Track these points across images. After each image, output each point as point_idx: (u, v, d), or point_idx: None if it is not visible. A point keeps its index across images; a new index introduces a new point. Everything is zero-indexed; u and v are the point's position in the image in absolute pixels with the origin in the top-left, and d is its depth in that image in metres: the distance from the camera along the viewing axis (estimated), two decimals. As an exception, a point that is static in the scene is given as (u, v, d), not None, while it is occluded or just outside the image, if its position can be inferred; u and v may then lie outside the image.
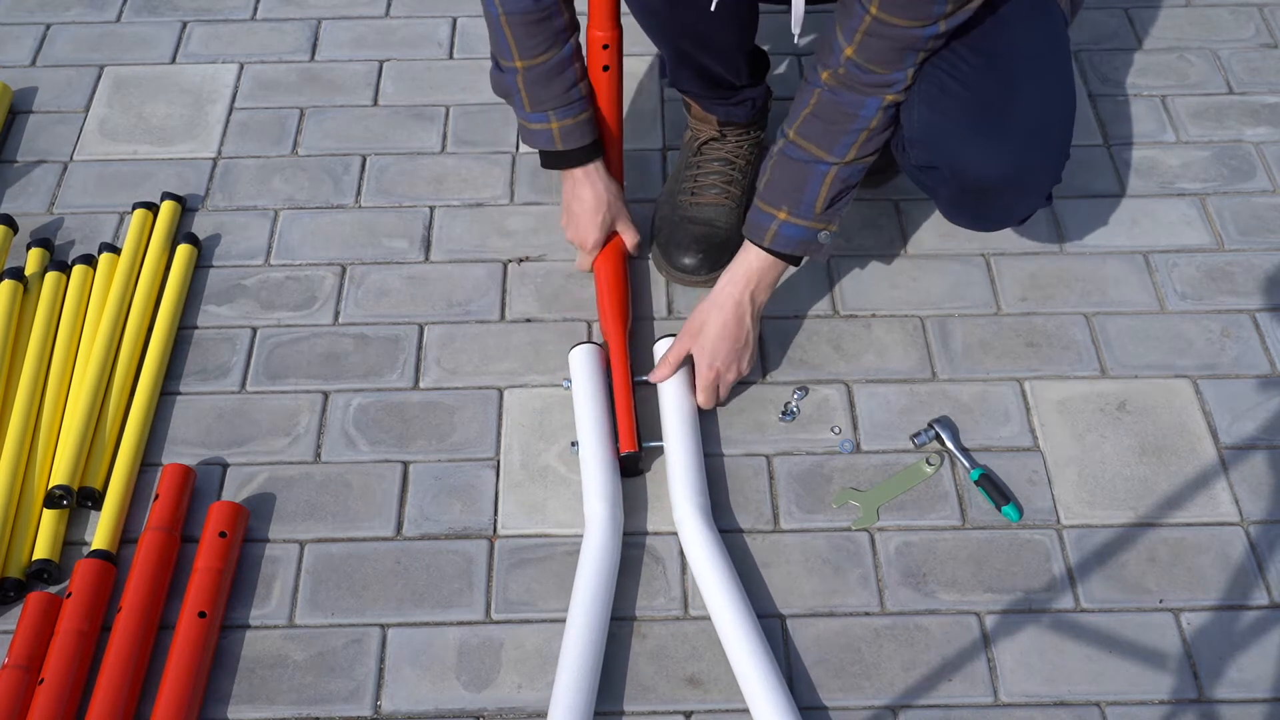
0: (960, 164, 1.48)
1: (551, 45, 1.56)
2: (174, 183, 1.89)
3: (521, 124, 1.65)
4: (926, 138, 1.48)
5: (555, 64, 1.58)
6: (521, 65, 1.58)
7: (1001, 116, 1.46)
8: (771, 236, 1.52)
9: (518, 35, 1.55)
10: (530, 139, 1.65)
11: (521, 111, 1.63)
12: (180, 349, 1.68)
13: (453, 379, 1.65)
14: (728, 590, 1.39)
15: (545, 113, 1.61)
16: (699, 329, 1.56)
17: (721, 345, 1.55)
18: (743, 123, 1.75)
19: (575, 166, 1.67)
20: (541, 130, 1.63)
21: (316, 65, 2.08)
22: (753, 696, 1.32)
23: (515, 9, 1.53)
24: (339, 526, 1.50)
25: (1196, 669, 1.39)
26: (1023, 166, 1.48)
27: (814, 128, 1.47)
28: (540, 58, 1.57)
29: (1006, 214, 1.60)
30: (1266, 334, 1.70)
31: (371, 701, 1.36)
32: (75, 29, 2.13)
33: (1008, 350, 1.68)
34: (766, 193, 1.53)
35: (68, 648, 1.34)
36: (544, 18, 1.54)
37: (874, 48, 1.39)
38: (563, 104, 1.61)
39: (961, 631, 1.42)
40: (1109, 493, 1.53)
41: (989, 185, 1.49)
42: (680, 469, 1.49)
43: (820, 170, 1.48)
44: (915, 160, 1.53)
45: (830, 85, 1.45)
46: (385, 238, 1.82)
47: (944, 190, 1.56)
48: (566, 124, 1.62)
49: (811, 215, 1.51)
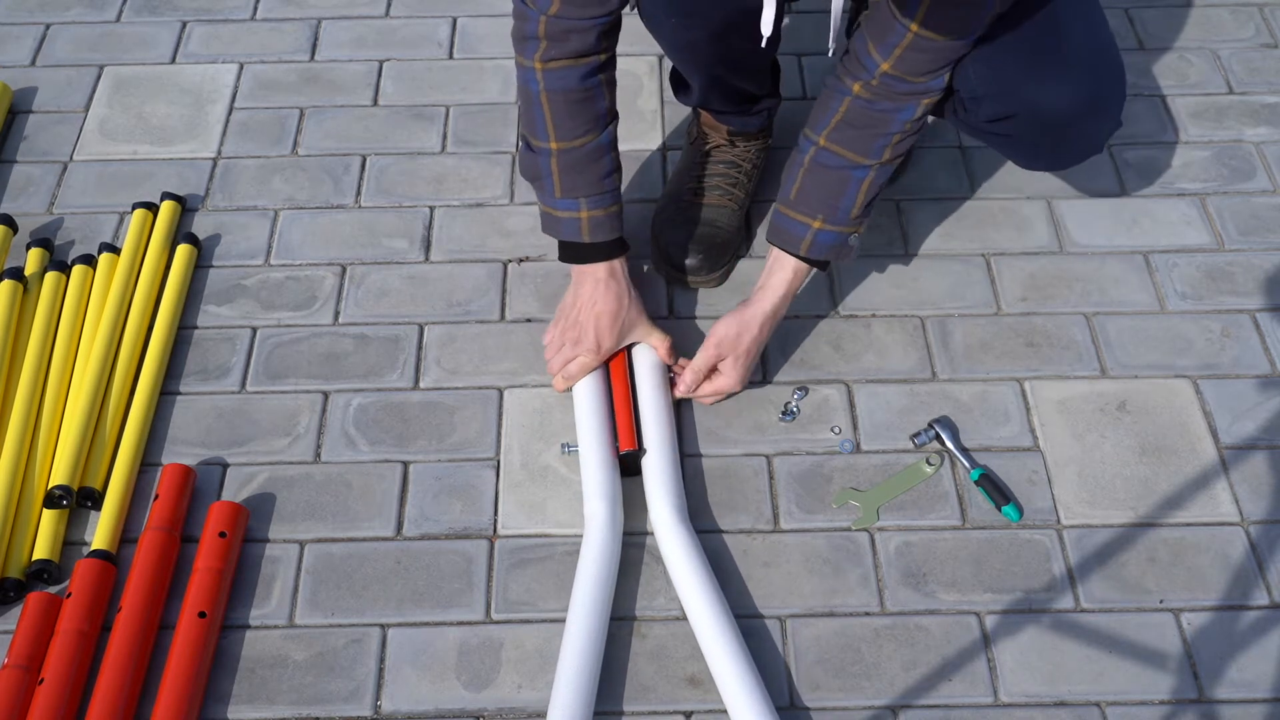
0: (1034, 103, 1.47)
1: (591, 129, 1.49)
2: (174, 183, 1.89)
3: (546, 211, 1.56)
4: (993, 90, 1.47)
5: (593, 149, 1.50)
6: (557, 147, 1.50)
7: (1058, 50, 1.46)
8: (808, 246, 1.52)
9: (557, 115, 1.48)
10: (554, 228, 1.56)
11: (550, 197, 1.54)
12: (180, 349, 1.68)
13: (453, 379, 1.65)
14: (704, 591, 1.39)
15: (576, 199, 1.52)
16: (733, 340, 1.55)
17: (747, 361, 1.57)
18: (754, 132, 1.76)
19: (600, 261, 1.56)
20: (569, 219, 1.54)
21: (316, 65, 2.08)
22: (729, 697, 1.33)
23: (558, 86, 1.46)
24: (339, 526, 1.50)
25: (1196, 669, 1.39)
26: (1095, 88, 1.48)
27: (846, 134, 1.47)
28: (578, 141, 1.49)
29: (1089, 143, 1.59)
30: (1266, 334, 1.70)
31: (371, 701, 1.36)
32: (75, 29, 2.13)
33: (1008, 350, 1.68)
34: (799, 202, 1.51)
35: (68, 648, 1.34)
36: (587, 98, 1.48)
37: (913, 60, 1.39)
38: (596, 192, 1.53)
39: (961, 631, 1.42)
40: (1109, 493, 1.53)
41: (1067, 116, 1.48)
42: (657, 471, 1.50)
43: (858, 176, 1.48)
44: (986, 115, 1.52)
45: (862, 96, 1.44)
46: (385, 238, 1.82)
47: (1023, 136, 1.55)
48: (597, 214, 1.53)
49: (847, 220, 1.51)
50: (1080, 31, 1.49)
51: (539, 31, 1.44)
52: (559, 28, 1.43)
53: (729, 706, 1.33)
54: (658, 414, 1.55)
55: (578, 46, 1.44)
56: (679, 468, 1.52)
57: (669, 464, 1.50)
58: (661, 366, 1.61)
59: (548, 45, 1.45)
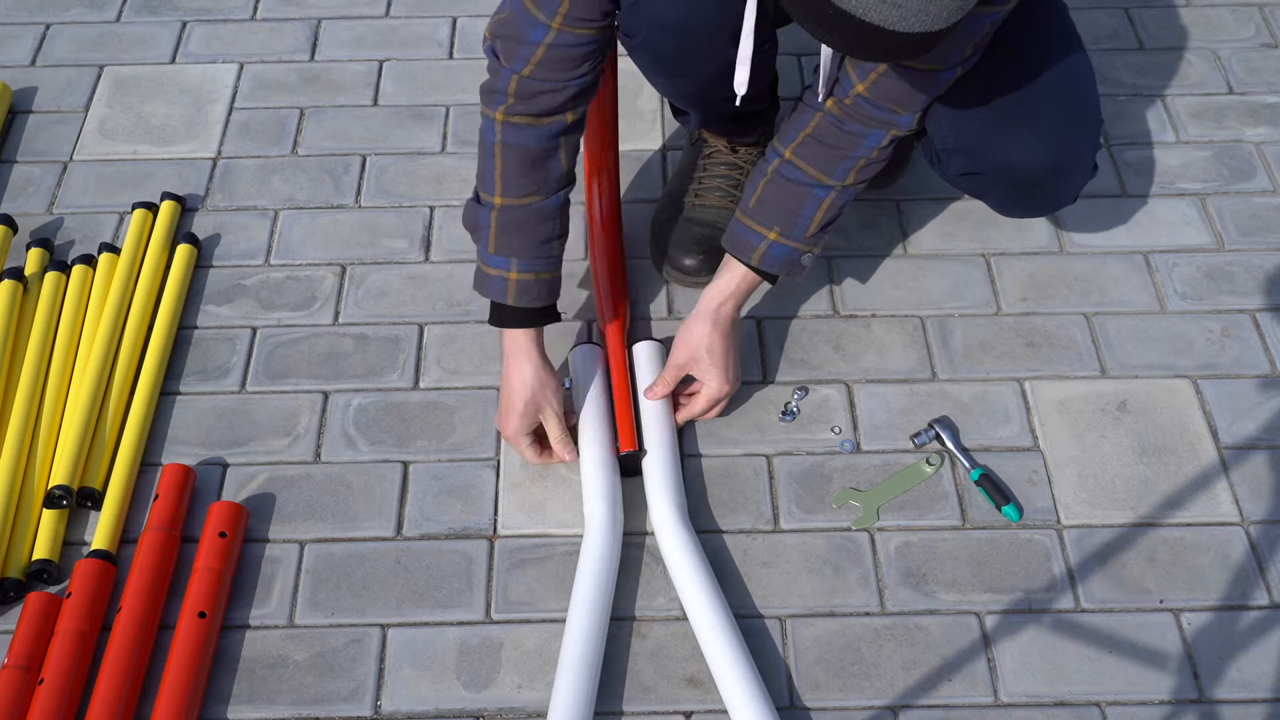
0: (1003, 162, 1.48)
1: (538, 190, 1.44)
2: (174, 183, 1.89)
3: (478, 267, 1.49)
4: (962, 145, 1.49)
5: (537, 210, 1.45)
6: (500, 203, 1.44)
7: (1029, 106, 1.46)
8: (760, 256, 1.50)
9: (507, 170, 1.43)
10: (483, 285, 1.49)
11: (483, 250, 1.48)
12: (180, 349, 1.68)
13: (453, 379, 1.65)
14: (704, 591, 1.39)
15: (508, 259, 1.46)
16: (698, 346, 1.52)
17: (729, 358, 1.53)
18: (754, 141, 1.76)
19: (518, 328, 1.49)
20: (497, 277, 1.47)
21: (316, 65, 2.08)
22: (729, 697, 1.33)
23: (514, 141, 1.42)
24: (339, 526, 1.50)
25: (1196, 669, 1.39)
26: (1065, 149, 1.49)
27: (813, 150, 1.46)
28: (524, 199, 1.44)
29: (1060, 196, 1.61)
30: (1266, 334, 1.70)
31: (371, 701, 1.36)
32: (75, 29, 2.13)
33: (1008, 350, 1.68)
34: (757, 211, 1.50)
35: (68, 648, 1.34)
36: (541, 159, 1.44)
37: (888, 87, 1.39)
38: (529, 255, 1.46)
39: (961, 631, 1.42)
40: (1109, 493, 1.53)
41: (1037, 175, 1.50)
42: (657, 471, 1.50)
43: (818, 195, 1.47)
44: (956, 169, 1.54)
45: (835, 114, 1.44)
46: (385, 238, 1.82)
47: (994, 191, 1.58)
48: (526, 278, 1.46)
49: (802, 238, 1.49)
50: (1055, 82, 1.48)
51: (508, 88, 1.41)
52: (529, 88, 1.40)
53: (729, 706, 1.33)
54: (658, 414, 1.55)
55: (545, 105, 1.42)
56: (679, 468, 1.52)
57: (669, 464, 1.50)
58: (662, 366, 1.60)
59: (514, 101, 1.42)
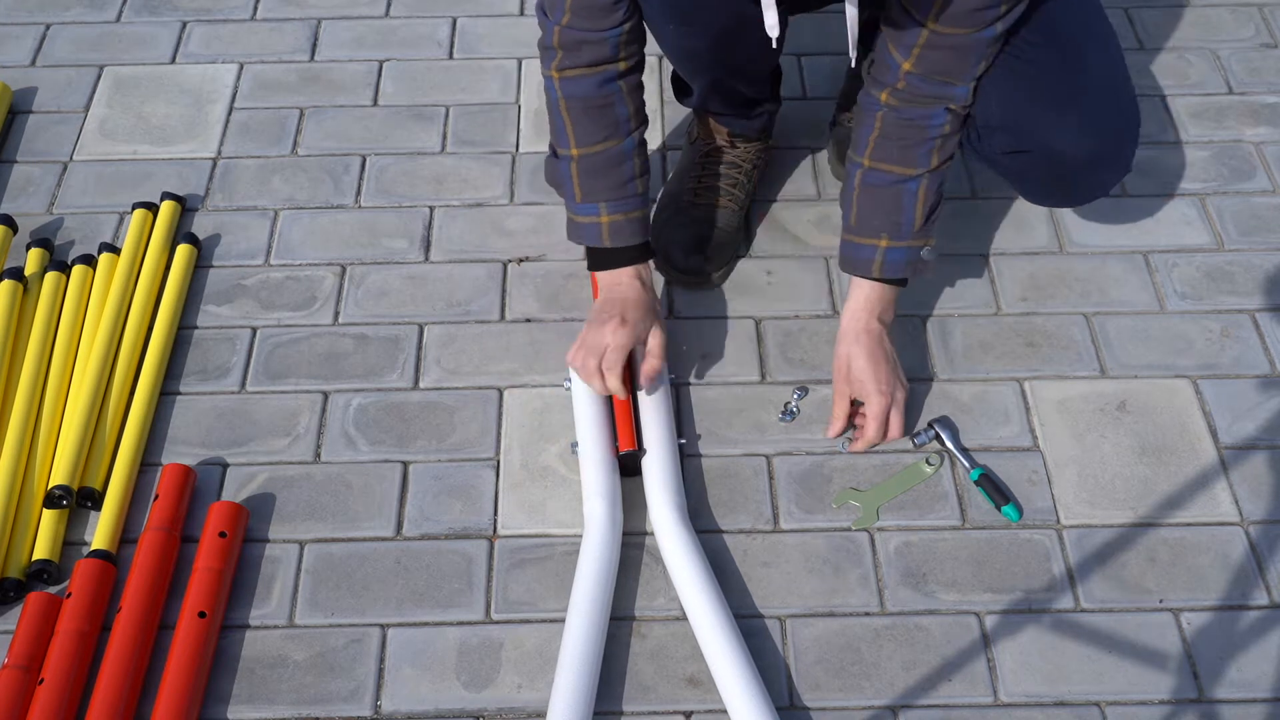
0: (1048, 143, 1.48)
1: (611, 135, 1.49)
2: (174, 183, 1.89)
3: (569, 218, 1.56)
4: (1008, 123, 1.48)
5: (614, 154, 1.50)
6: (577, 153, 1.50)
7: (1078, 92, 1.47)
8: (879, 267, 1.51)
9: (576, 120, 1.49)
10: (577, 234, 1.55)
11: (571, 203, 1.54)
12: (180, 349, 1.68)
13: (453, 379, 1.65)
14: (704, 591, 1.39)
15: (596, 204, 1.52)
16: (847, 369, 1.53)
17: (880, 370, 1.52)
18: (754, 134, 1.76)
19: (623, 266, 1.54)
20: (590, 224, 1.53)
21: (316, 65, 2.08)
22: (729, 697, 1.33)
23: (575, 93, 1.48)
24: (339, 526, 1.50)
25: (1196, 669, 1.39)
26: (1109, 138, 1.50)
27: (888, 149, 1.47)
28: (598, 146, 1.50)
29: (1096, 187, 1.61)
30: (1266, 334, 1.70)
31: (371, 701, 1.36)
32: (75, 29, 2.13)
33: (1008, 350, 1.68)
34: (860, 226, 1.51)
35: (68, 648, 1.34)
36: (605, 104, 1.48)
37: (933, 60, 1.39)
38: (617, 197, 1.52)
39: (961, 631, 1.42)
40: (1109, 493, 1.53)
41: (1080, 162, 1.50)
42: (657, 471, 1.50)
43: (911, 188, 1.48)
44: (1001, 147, 1.53)
45: (891, 104, 1.45)
46: (385, 238, 1.82)
47: (1034, 172, 1.57)
48: (618, 219, 1.52)
49: (911, 234, 1.50)
50: (1101, 69, 1.49)
51: (554, 41, 1.46)
52: (571, 38, 1.45)
53: (729, 706, 1.33)
54: (658, 414, 1.55)
55: (592, 56, 1.46)
56: (679, 468, 1.52)
57: (669, 464, 1.50)
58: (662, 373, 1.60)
59: (563, 55, 1.46)
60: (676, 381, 1.64)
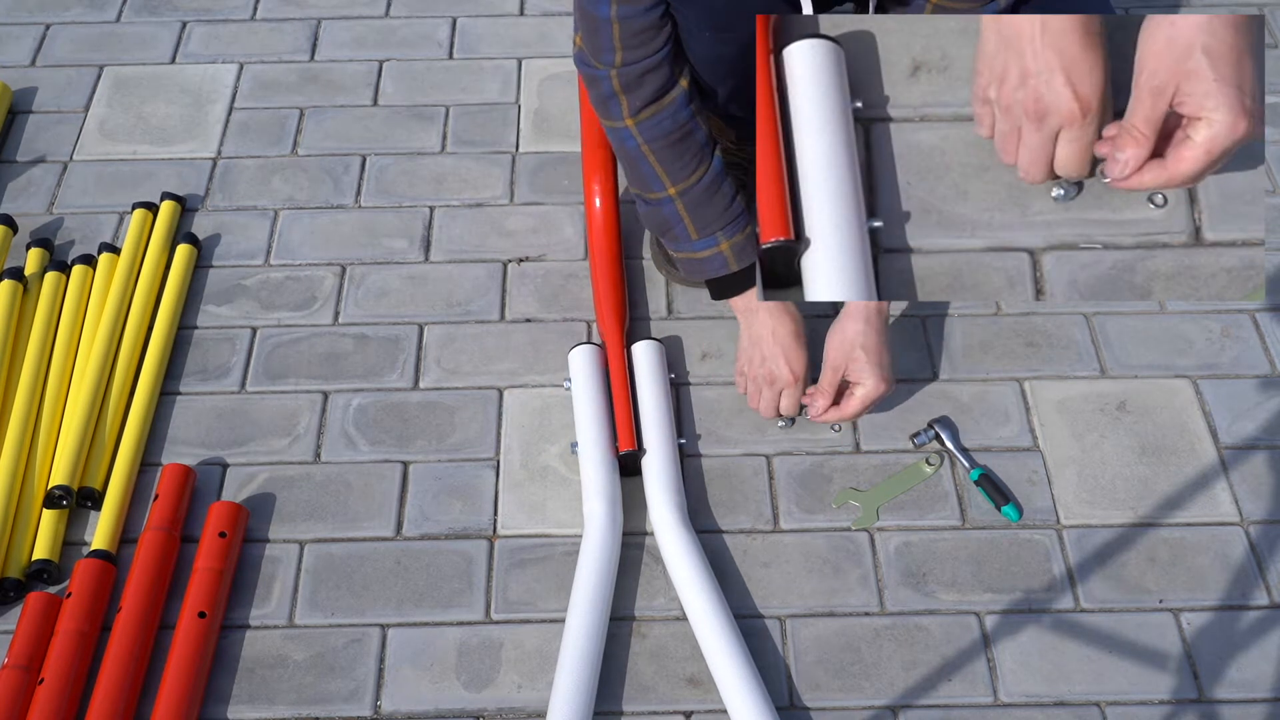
0: None
1: (701, 161, 1.46)
2: (174, 183, 1.89)
3: (687, 258, 1.52)
4: None
5: (711, 180, 1.47)
6: (675, 191, 1.46)
7: None
8: None
9: (663, 160, 1.45)
10: (700, 269, 1.52)
11: (687, 243, 1.50)
12: (180, 349, 1.68)
13: (453, 379, 1.65)
14: (704, 591, 1.39)
15: (714, 235, 1.48)
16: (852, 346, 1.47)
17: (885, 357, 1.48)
18: None
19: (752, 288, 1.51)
20: (712, 256, 1.49)
21: (316, 65, 2.08)
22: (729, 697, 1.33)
23: (656, 134, 1.43)
24: (339, 526, 1.50)
25: (1196, 669, 1.39)
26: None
27: None
28: (693, 177, 1.46)
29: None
30: (1266, 334, 1.70)
31: (371, 701, 1.36)
32: (75, 29, 2.13)
33: (1008, 350, 1.68)
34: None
35: (68, 648, 1.34)
36: (686, 134, 1.44)
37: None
38: (729, 220, 1.48)
39: (961, 631, 1.42)
40: (1109, 493, 1.53)
41: None
42: (657, 471, 1.50)
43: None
44: None
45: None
46: (385, 238, 1.82)
47: None
48: (738, 240, 1.49)
49: None
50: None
51: (614, 87, 1.41)
52: (630, 75, 1.40)
53: (729, 706, 1.33)
54: (658, 414, 1.55)
55: (655, 85, 1.41)
56: (679, 468, 1.52)
57: (669, 464, 1.50)
58: (662, 366, 1.60)
59: (628, 99, 1.42)
60: (676, 381, 1.64)
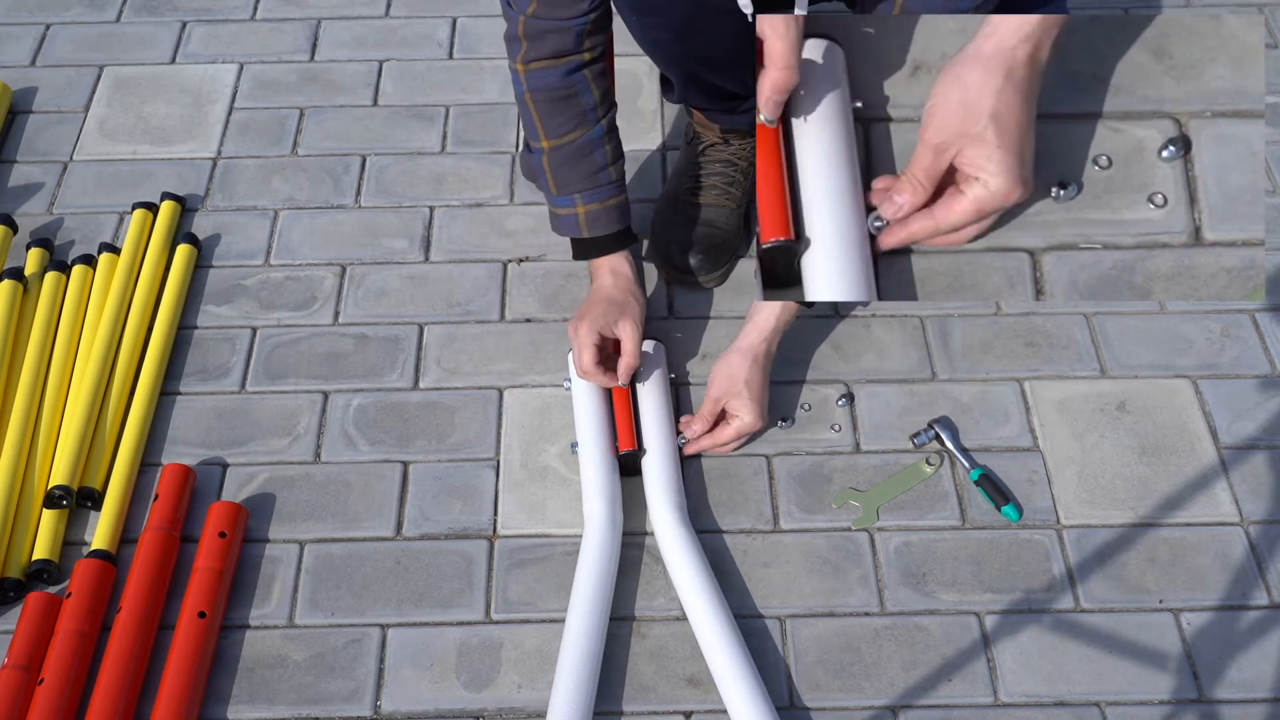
0: None
1: (579, 125, 1.52)
2: (174, 183, 1.89)
3: (550, 211, 1.60)
4: None
5: (582, 144, 1.53)
6: (548, 146, 1.53)
7: None
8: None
9: (543, 114, 1.51)
10: (558, 226, 1.60)
11: (549, 195, 1.58)
12: (180, 349, 1.68)
13: (453, 379, 1.65)
14: (704, 591, 1.39)
15: (571, 196, 1.55)
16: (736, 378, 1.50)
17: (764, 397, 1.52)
18: (745, 130, 1.75)
19: (600, 256, 1.59)
20: (568, 215, 1.57)
21: (316, 65, 2.08)
22: (729, 697, 1.33)
23: (539, 85, 1.49)
24: (339, 526, 1.50)
25: (1196, 669, 1.39)
26: None
27: None
28: (567, 137, 1.52)
29: None
30: (1266, 334, 1.70)
31: (371, 701, 1.36)
32: (75, 29, 2.13)
33: (1008, 350, 1.68)
34: None
35: (68, 648, 1.34)
36: (570, 95, 1.50)
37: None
38: (590, 186, 1.55)
39: (961, 631, 1.42)
40: (1109, 493, 1.53)
41: None
42: (657, 471, 1.50)
43: None
44: None
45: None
46: (385, 238, 1.82)
47: None
48: (593, 208, 1.55)
49: None
50: None
51: (519, 31, 1.47)
52: (536, 28, 1.46)
53: (729, 706, 1.33)
54: (658, 414, 1.55)
55: (556, 46, 1.47)
56: (679, 468, 1.52)
57: (669, 464, 1.51)
58: (662, 367, 1.61)
59: (527, 46, 1.48)
60: (676, 381, 1.64)
